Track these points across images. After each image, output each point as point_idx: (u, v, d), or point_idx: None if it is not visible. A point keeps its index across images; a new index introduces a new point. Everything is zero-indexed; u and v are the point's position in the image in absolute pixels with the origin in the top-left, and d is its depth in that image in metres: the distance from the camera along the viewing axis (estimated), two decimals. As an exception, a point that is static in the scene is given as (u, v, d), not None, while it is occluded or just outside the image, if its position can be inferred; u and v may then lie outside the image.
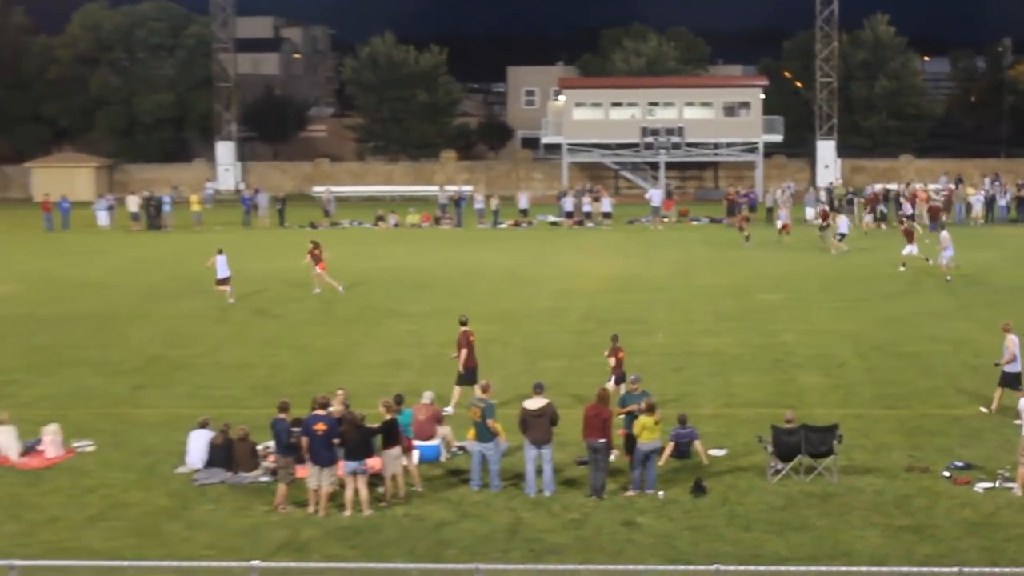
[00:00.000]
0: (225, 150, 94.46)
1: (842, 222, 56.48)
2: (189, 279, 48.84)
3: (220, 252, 43.97)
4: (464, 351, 28.78)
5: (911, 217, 62.81)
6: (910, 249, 48.87)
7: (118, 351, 35.85)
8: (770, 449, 23.54)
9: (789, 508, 21.91)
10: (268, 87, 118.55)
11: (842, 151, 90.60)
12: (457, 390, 28.58)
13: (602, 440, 22.61)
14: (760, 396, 29.75)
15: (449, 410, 27.35)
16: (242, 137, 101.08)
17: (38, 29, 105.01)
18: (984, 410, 27.95)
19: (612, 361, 28.24)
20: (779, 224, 60.02)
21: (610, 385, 27.58)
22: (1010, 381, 27.79)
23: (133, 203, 70.67)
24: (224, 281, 43.70)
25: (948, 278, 45.76)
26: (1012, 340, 28.04)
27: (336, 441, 22.05)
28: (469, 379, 28.65)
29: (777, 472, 23.34)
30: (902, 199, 68.58)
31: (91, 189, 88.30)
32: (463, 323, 29.43)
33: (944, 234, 47.77)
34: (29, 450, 25.48)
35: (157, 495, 23.08)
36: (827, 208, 63.04)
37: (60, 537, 20.95)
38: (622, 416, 24.02)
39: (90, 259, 56.57)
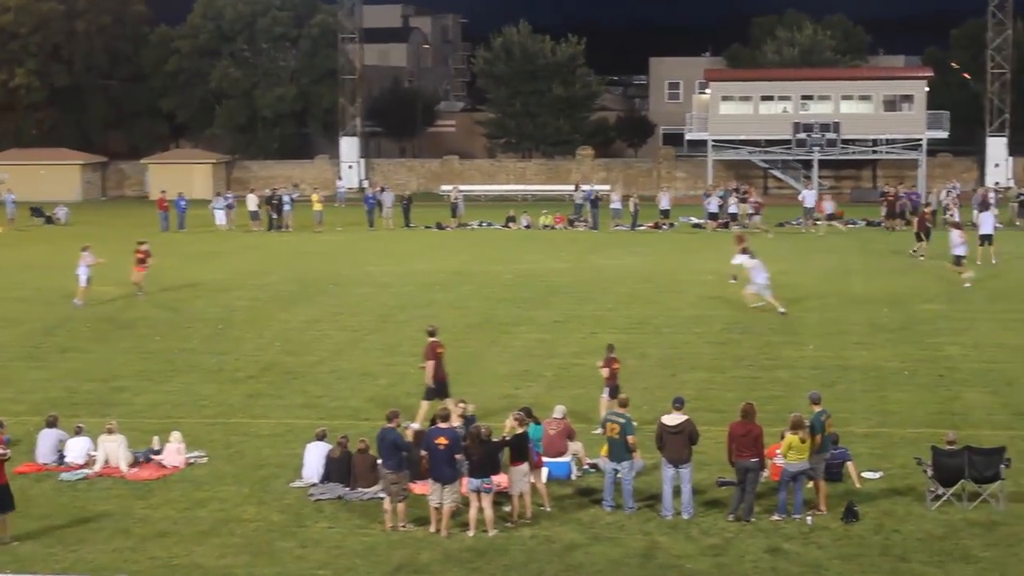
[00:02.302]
0: (349, 146, 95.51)
1: (986, 221, 54.53)
2: (309, 282, 49.50)
3: (85, 249, 45.80)
4: (431, 363, 28.64)
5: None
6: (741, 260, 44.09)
7: (233, 358, 36.35)
8: (930, 472, 23.07)
9: (950, 537, 21.46)
10: (395, 79, 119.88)
11: (1015, 148, 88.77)
12: (424, 405, 28.27)
13: (754, 459, 22.37)
14: (919, 415, 29.19)
15: (415, 425, 26.85)
16: (367, 132, 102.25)
17: (157, 20, 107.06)
18: None
19: (605, 372, 28.17)
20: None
21: (603, 397, 27.71)
22: None
23: (252, 202, 71.66)
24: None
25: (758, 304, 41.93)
26: None
27: (459, 456, 22.08)
28: (439, 393, 28.46)
29: (937, 498, 22.87)
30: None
31: (209, 187, 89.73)
32: (431, 333, 29.28)
33: (734, 260, 43.43)
34: (140, 461, 25.91)
35: (271, 510, 23.31)
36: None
37: (170, 553, 21.23)
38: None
39: (206, 261, 57.55)
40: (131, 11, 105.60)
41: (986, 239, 52.70)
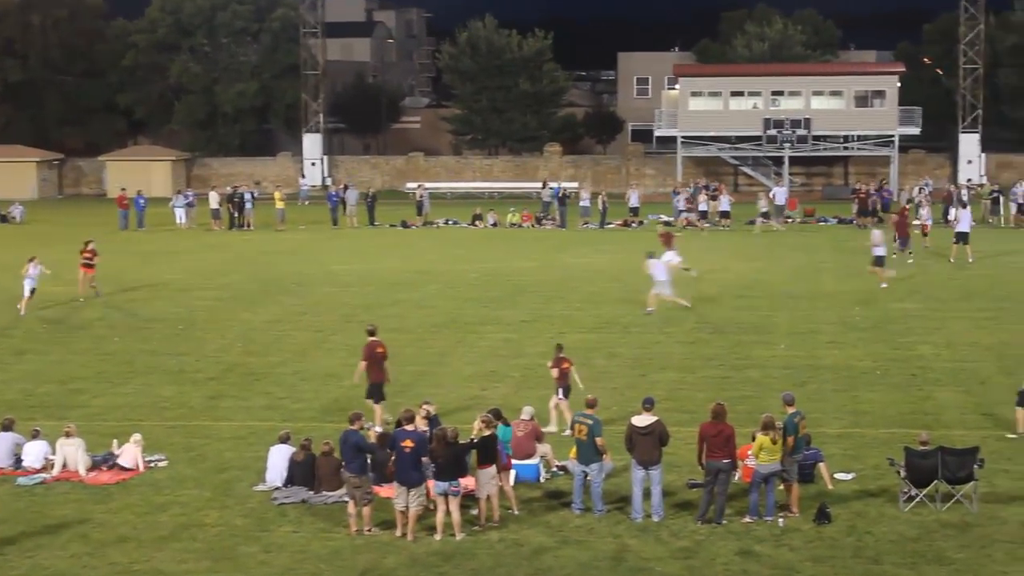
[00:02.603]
0: (312, 143, 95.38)
1: (963, 218, 54.66)
2: (271, 282, 49.44)
3: (32, 259, 43.82)
4: (363, 363, 28.89)
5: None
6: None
7: (194, 359, 36.25)
8: (903, 473, 23.19)
9: (923, 539, 21.57)
10: (359, 75, 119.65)
11: (987, 145, 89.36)
12: (375, 407, 28.53)
13: (725, 460, 22.46)
14: (892, 415, 29.32)
15: (378, 428, 27.26)
16: (330, 129, 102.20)
17: (114, 13, 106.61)
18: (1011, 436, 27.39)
19: (555, 372, 28.47)
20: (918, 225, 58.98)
21: (555, 399, 27.96)
22: None
23: (214, 199, 71.47)
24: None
25: (648, 309, 41.78)
26: None
27: (425, 459, 22.08)
28: (373, 395, 28.69)
29: (910, 499, 22.99)
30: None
31: (168, 184, 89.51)
32: (371, 333, 29.48)
33: (663, 258, 43.01)
34: (98, 465, 25.83)
35: (233, 514, 23.27)
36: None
37: (130, 559, 21.16)
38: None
39: (166, 260, 57.37)
40: (87, 5, 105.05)
41: (962, 237, 52.87)
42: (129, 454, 25.90)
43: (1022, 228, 65.20)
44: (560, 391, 28.28)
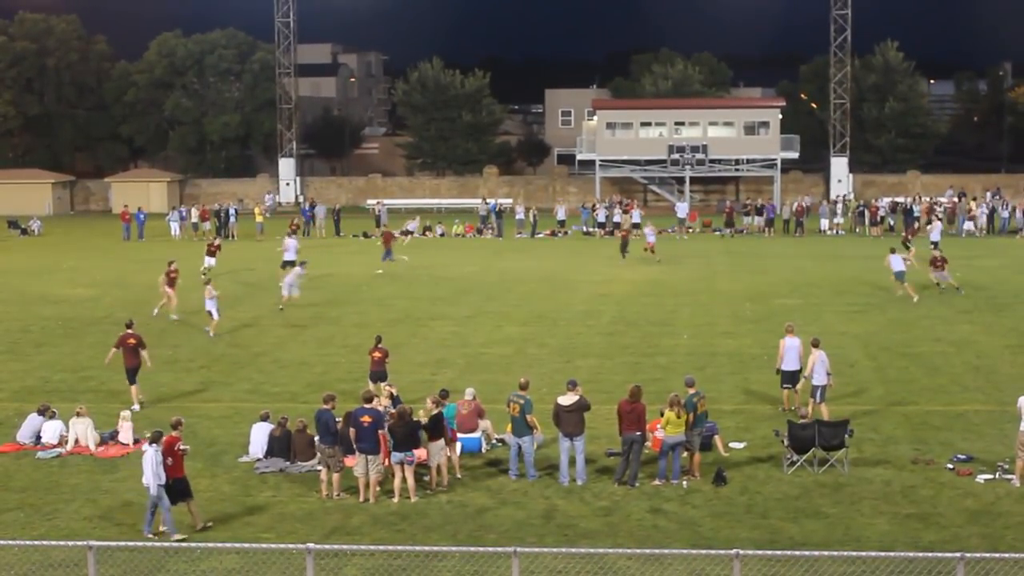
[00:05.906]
0: (286, 166, 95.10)
1: (934, 230, 54.80)
2: (252, 284, 49.07)
3: (208, 282, 41.05)
4: (113, 350, 29.33)
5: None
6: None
7: (187, 350, 35.95)
8: (786, 442, 23.35)
9: (803, 497, 21.72)
10: (326, 108, 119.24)
11: (854, 167, 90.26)
12: (132, 388, 28.91)
13: (638, 433, 22.52)
14: (777, 393, 29.33)
15: (136, 407, 27.89)
16: (302, 154, 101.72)
17: (118, 56, 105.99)
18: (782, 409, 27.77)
19: (369, 360, 28.72)
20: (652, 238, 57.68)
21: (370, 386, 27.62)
22: (788, 380, 27.68)
23: (193, 215, 72.56)
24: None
25: None
26: (784, 342, 27.90)
27: (382, 432, 21.98)
28: (128, 377, 29.04)
29: (792, 464, 23.15)
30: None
31: (164, 201, 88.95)
32: (127, 326, 29.95)
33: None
34: (106, 440, 25.57)
35: (222, 482, 23.13)
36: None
37: (133, 520, 20.96)
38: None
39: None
40: (95, 49, 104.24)
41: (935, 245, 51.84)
42: (125, 430, 25.66)
43: (879, 238, 65.53)
44: (371, 375, 28.41)
